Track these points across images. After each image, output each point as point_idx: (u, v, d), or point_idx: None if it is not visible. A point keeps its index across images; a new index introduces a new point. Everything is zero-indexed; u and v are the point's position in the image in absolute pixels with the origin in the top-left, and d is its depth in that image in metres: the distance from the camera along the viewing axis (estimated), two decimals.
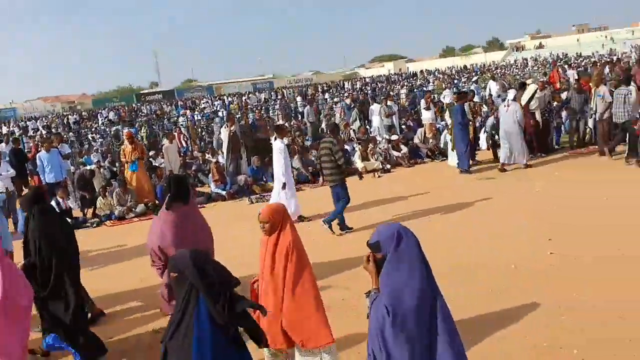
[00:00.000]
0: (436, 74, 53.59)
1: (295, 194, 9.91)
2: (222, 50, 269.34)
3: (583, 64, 37.50)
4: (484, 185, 11.00)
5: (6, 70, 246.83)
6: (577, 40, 75.58)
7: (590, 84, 12.95)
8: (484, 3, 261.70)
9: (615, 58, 38.76)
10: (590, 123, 13.13)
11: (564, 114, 14.33)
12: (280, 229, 4.22)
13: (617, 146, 11.93)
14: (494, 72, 39.37)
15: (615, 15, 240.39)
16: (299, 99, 32.94)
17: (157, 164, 14.77)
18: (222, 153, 14.58)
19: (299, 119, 23.45)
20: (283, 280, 4.16)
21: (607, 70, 20.46)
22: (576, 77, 18.51)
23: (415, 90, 29.47)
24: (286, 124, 18.02)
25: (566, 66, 30.22)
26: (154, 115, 33.85)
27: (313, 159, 14.36)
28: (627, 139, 11.34)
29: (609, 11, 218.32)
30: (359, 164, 13.77)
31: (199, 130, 22.46)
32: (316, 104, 24.58)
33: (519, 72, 39.63)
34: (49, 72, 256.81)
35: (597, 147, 12.51)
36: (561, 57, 55.37)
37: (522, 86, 13.82)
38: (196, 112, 31.09)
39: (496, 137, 13.20)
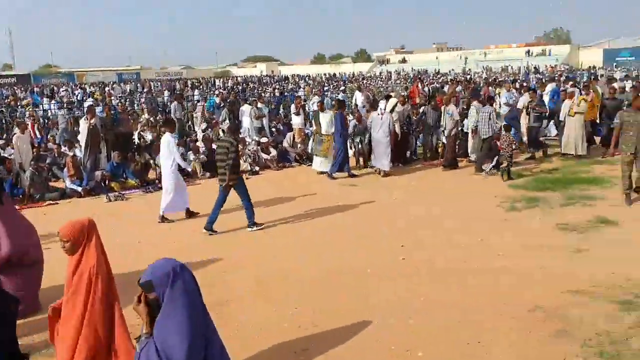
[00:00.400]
0: (307, 79, 54.66)
1: (172, 192, 9.62)
2: (87, 36, 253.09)
3: (440, 80, 40.28)
4: (347, 191, 11.43)
5: None
6: (437, 58, 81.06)
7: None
8: (354, 16, 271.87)
9: (468, 77, 42.23)
10: (443, 138, 14.19)
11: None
12: (83, 248, 3.65)
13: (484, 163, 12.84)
14: (360, 82, 41.00)
15: (471, 38, 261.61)
16: (166, 93, 31.89)
17: (6, 155, 13.53)
18: (80, 146, 13.72)
19: (166, 114, 22.70)
20: (83, 314, 3.61)
21: (459, 88, 22.16)
22: (429, 94, 19.88)
23: (286, 94, 29.81)
24: (155, 117, 17.37)
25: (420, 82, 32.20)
26: (5, 101, 30.90)
27: None
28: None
29: (465, 33, 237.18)
30: None
31: (45, 121, 20.94)
32: (185, 100, 23.97)
33: (384, 84, 41.62)
34: None
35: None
36: (421, 72, 59.07)
37: (388, 98, 14.71)
38: (54, 101, 28.89)
39: (359, 145, 13.83)
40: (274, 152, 14.74)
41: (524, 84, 23.15)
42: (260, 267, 7.20)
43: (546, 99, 16.55)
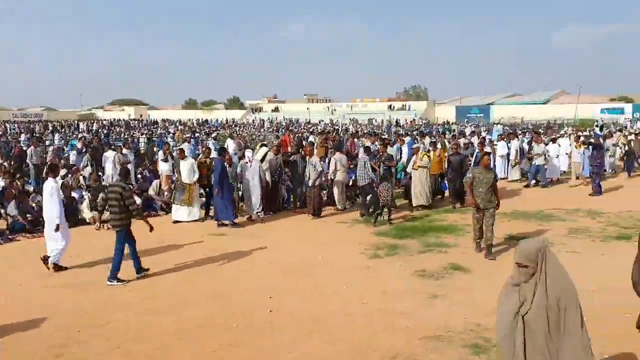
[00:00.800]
0: (177, 124, 53.79)
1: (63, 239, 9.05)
2: None
3: (311, 130, 41.58)
4: (215, 241, 11.25)
5: None
6: (307, 108, 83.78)
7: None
8: (228, 64, 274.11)
9: (336, 128, 44.05)
10: None
11: None
12: None
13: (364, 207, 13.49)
14: (233, 129, 41.18)
15: (339, 91, 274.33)
16: (23, 136, 29.77)
17: None
18: None
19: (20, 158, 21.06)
20: None
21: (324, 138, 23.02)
22: (296, 143, 20.51)
23: (155, 138, 29.08)
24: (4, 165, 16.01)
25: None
26: None
27: (33, 205, 13.01)
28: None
29: (334, 86, 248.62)
30: (87, 213, 12.96)
31: None
32: (43, 145, 22.49)
33: (256, 132, 42.13)
34: None
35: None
36: (293, 122, 60.68)
37: (263, 146, 15.02)
38: None
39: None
40: (138, 200, 14.16)
41: (384, 137, 24.65)
42: (119, 323, 6.81)
43: (405, 149, 17.75)
